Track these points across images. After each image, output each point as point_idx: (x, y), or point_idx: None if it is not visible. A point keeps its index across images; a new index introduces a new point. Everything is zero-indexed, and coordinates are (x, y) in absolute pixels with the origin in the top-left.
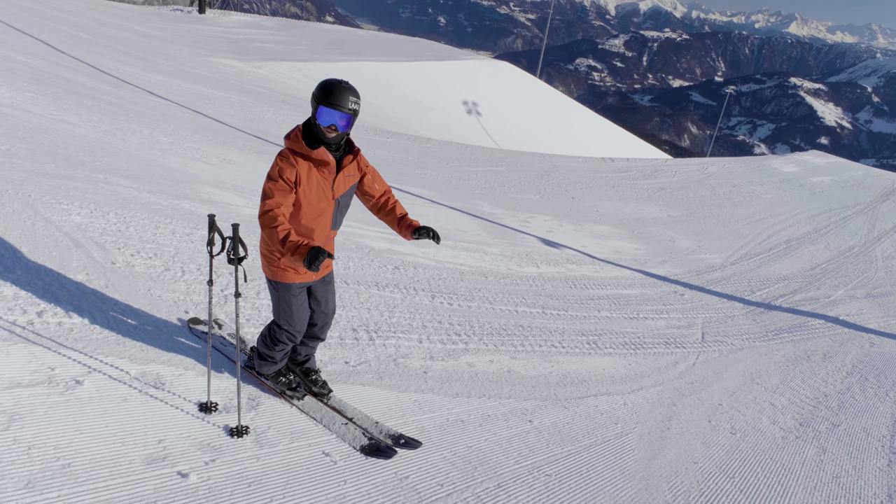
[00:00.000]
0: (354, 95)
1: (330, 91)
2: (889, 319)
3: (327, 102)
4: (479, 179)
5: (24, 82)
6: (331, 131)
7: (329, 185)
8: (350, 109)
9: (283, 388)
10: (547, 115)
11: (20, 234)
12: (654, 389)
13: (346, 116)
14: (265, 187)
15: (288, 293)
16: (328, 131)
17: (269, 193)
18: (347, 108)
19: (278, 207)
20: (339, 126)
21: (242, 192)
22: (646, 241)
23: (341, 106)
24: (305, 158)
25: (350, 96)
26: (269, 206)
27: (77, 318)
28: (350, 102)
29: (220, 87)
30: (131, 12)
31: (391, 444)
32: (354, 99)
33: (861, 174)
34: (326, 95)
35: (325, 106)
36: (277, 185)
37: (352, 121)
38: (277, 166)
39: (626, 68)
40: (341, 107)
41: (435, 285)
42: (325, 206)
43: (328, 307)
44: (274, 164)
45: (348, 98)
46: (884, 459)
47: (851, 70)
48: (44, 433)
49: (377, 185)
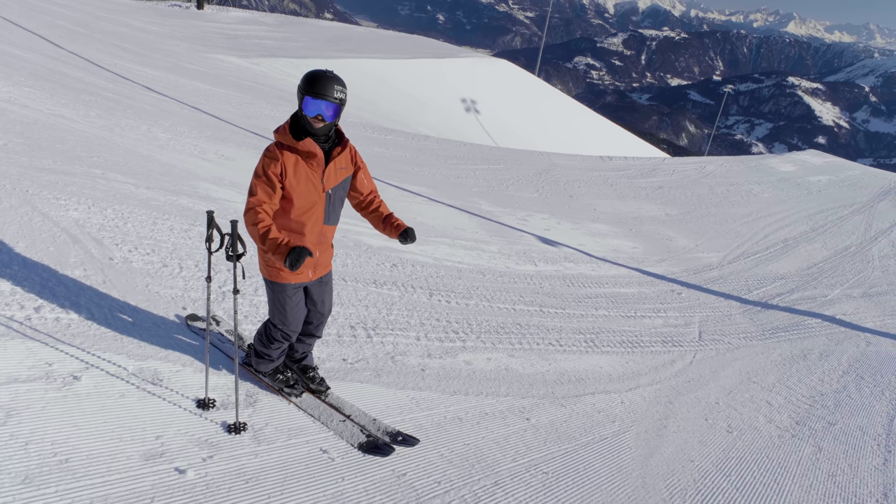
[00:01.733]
0: (340, 84)
1: (315, 81)
2: (885, 319)
3: (312, 92)
4: (477, 177)
5: (21, 77)
6: (317, 121)
7: (318, 178)
8: (336, 98)
9: (281, 385)
10: (545, 113)
11: (17, 230)
12: (651, 388)
13: (333, 105)
14: (250, 184)
15: (283, 294)
16: (315, 122)
17: (252, 191)
18: (333, 98)
19: (260, 205)
20: (325, 116)
21: (240, 189)
22: (643, 240)
23: (327, 95)
24: (293, 151)
25: (335, 85)
26: (251, 204)
27: (74, 313)
28: (335, 91)
29: (218, 83)
30: (129, 7)
31: (388, 442)
32: (340, 88)
33: (858, 174)
34: (312, 85)
35: (310, 96)
36: (261, 181)
37: (339, 110)
38: (262, 162)
39: (624, 67)
40: (327, 96)
41: (433, 283)
42: (316, 199)
43: (324, 307)
44: (259, 160)
45: (333, 87)
46: (879, 458)
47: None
48: (41, 429)
49: (367, 182)
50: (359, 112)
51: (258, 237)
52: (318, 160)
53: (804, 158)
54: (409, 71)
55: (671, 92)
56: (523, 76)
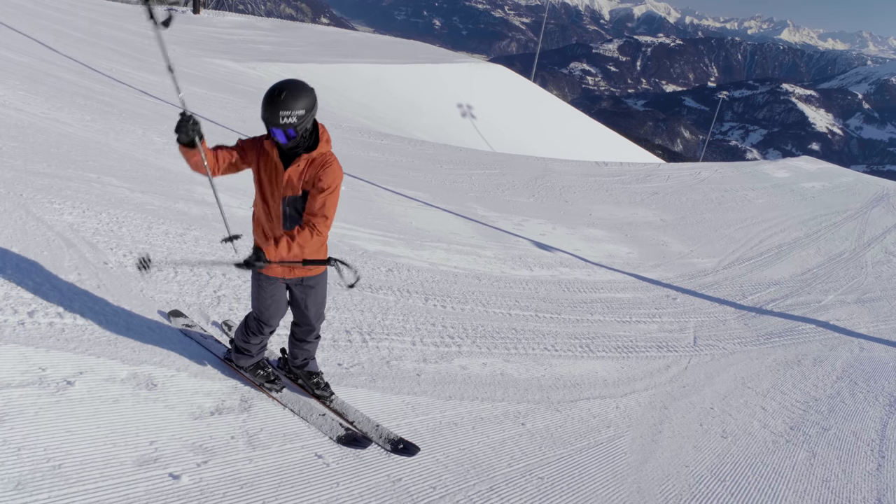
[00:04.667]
0: (288, 108)
1: (264, 104)
2: (878, 324)
3: (263, 117)
4: (473, 182)
5: (16, 81)
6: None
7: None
8: (283, 125)
9: (262, 380)
10: (541, 118)
11: (11, 234)
12: (646, 393)
13: (279, 132)
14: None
15: (257, 280)
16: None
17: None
18: (278, 124)
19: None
20: (278, 138)
21: (236, 193)
22: (639, 245)
23: (270, 122)
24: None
25: (281, 111)
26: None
27: (69, 318)
28: (280, 118)
29: (214, 87)
30: (125, 11)
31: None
32: (287, 113)
33: (851, 180)
34: (262, 108)
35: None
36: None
37: (294, 131)
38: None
39: (619, 73)
40: (271, 122)
41: (428, 288)
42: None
43: (309, 312)
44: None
45: (278, 115)
46: (873, 463)
47: (842, 77)
48: (34, 434)
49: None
50: (355, 117)
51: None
52: (273, 163)
53: (798, 165)
54: (406, 76)
55: (666, 98)
56: (519, 81)
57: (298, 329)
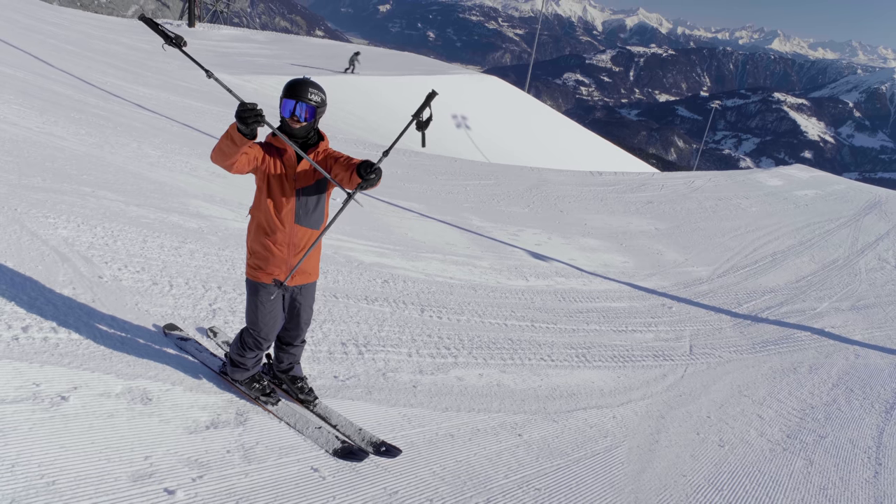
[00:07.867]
0: (315, 88)
1: (292, 85)
2: (873, 331)
3: (288, 94)
4: (468, 193)
5: (10, 95)
6: (294, 122)
7: (290, 175)
8: (310, 100)
9: (257, 393)
10: (535, 129)
11: (5, 248)
12: (642, 402)
13: (306, 106)
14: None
15: (256, 296)
16: (292, 122)
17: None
18: (307, 99)
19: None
20: (300, 116)
21: (231, 206)
22: (634, 254)
23: (300, 96)
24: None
25: (310, 88)
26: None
27: (63, 333)
28: (309, 93)
29: (209, 100)
30: (120, 26)
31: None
32: (315, 91)
33: (844, 188)
34: (288, 89)
35: (286, 98)
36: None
37: (315, 112)
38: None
39: (613, 83)
40: (300, 97)
41: (424, 299)
42: (288, 196)
43: (301, 318)
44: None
45: (307, 90)
46: (870, 470)
47: (833, 85)
48: (28, 450)
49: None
50: (349, 128)
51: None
52: (287, 158)
53: (791, 173)
54: (400, 88)
55: (659, 108)
56: (513, 92)
57: (287, 334)
